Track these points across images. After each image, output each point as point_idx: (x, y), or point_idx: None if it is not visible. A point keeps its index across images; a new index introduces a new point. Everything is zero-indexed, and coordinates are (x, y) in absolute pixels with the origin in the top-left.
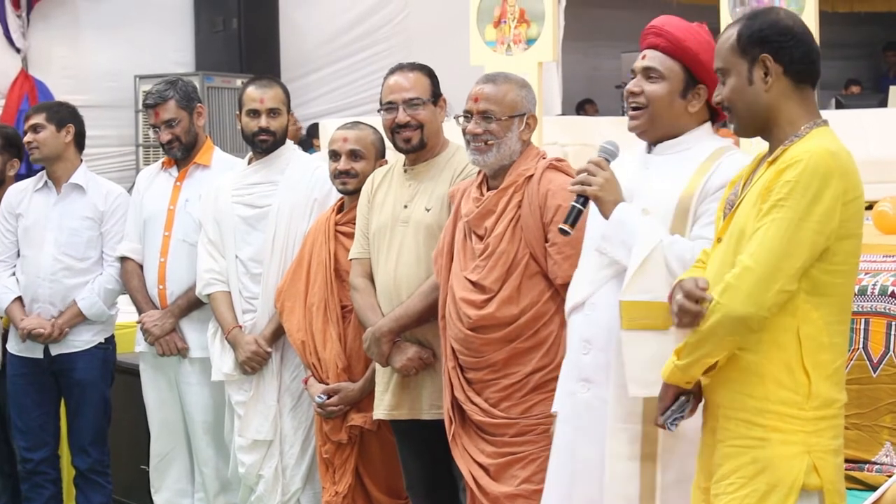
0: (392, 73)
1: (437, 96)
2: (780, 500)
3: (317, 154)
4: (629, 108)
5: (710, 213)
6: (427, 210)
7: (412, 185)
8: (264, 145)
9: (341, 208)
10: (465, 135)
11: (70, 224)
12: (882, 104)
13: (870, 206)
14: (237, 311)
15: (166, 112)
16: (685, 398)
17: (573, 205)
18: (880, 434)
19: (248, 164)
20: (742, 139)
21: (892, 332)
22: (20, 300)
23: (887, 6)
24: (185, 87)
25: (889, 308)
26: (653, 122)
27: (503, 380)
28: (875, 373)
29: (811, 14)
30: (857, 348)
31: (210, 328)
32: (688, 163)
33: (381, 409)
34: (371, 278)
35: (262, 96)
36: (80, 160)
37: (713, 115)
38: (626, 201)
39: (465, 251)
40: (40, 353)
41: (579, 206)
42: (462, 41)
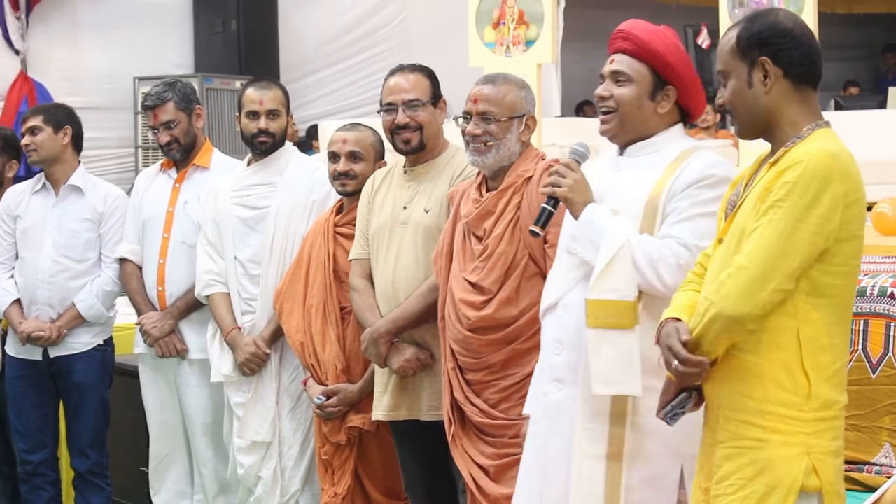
0: (393, 73)
1: (437, 98)
2: (779, 502)
3: (316, 155)
4: (600, 113)
5: (678, 210)
6: (426, 211)
7: (412, 186)
8: (263, 147)
9: (340, 209)
10: (465, 136)
11: (69, 226)
12: (881, 105)
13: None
14: (236, 313)
15: (165, 114)
16: (687, 394)
17: (543, 206)
18: (879, 435)
19: (248, 165)
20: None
21: (892, 334)
22: (19, 302)
23: (886, 7)
24: (184, 89)
25: (888, 309)
26: (623, 125)
27: (502, 381)
28: (874, 374)
29: (810, 15)
30: (857, 349)
31: (209, 330)
32: (657, 163)
33: (380, 410)
34: (370, 279)
35: (262, 98)
36: (79, 162)
37: (684, 116)
38: (596, 202)
39: (464, 252)
40: (39, 356)
41: (550, 208)
42: (461, 43)
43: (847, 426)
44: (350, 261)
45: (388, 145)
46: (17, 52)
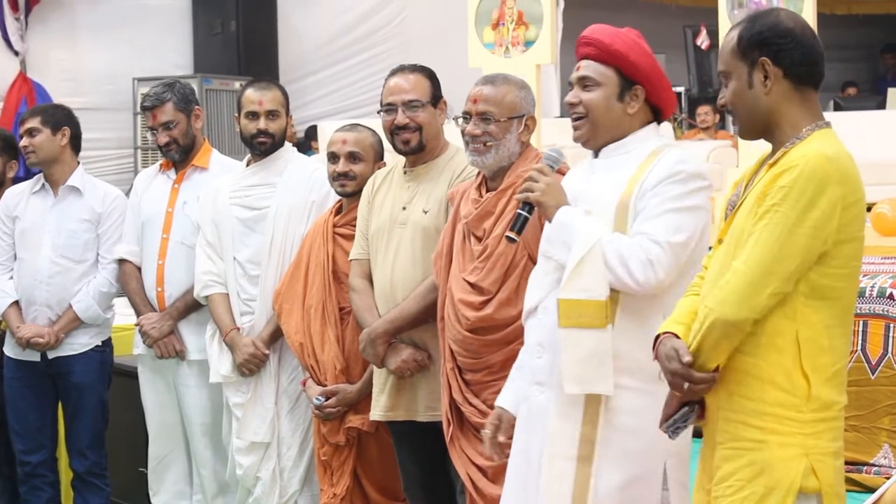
0: (393, 74)
1: (437, 98)
2: (778, 503)
3: (315, 156)
4: (572, 120)
5: (649, 207)
6: (425, 212)
7: (411, 186)
8: (263, 147)
9: (340, 210)
10: (464, 136)
11: (67, 226)
12: (880, 106)
13: (868, 209)
14: (235, 313)
15: (164, 114)
16: (689, 408)
17: (518, 212)
18: (878, 436)
19: (247, 166)
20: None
21: (891, 335)
22: (17, 304)
23: (885, 8)
24: (183, 90)
25: (887, 310)
26: (595, 130)
27: (501, 381)
28: (873, 375)
29: (809, 16)
30: (856, 350)
31: (208, 330)
32: (630, 163)
33: (378, 410)
34: (370, 280)
35: (261, 98)
36: (77, 162)
37: (657, 114)
38: (570, 205)
39: (463, 253)
40: (37, 357)
41: (525, 214)
42: (460, 43)
43: (846, 427)
44: (350, 261)
45: (387, 146)
46: (17, 53)
